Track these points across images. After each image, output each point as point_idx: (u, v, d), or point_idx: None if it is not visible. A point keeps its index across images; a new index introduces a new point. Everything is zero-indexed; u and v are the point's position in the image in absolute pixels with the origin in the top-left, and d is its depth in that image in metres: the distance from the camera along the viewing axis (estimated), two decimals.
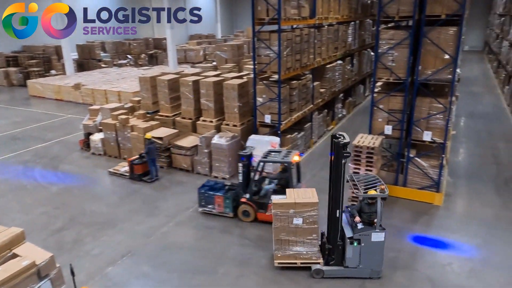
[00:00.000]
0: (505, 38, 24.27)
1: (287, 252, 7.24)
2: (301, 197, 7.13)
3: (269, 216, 8.49)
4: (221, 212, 9.14)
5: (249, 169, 8.93)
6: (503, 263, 7.48)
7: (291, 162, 8.58)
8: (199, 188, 9.37)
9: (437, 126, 9.33)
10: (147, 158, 11.07)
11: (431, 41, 8.88)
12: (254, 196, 8.91)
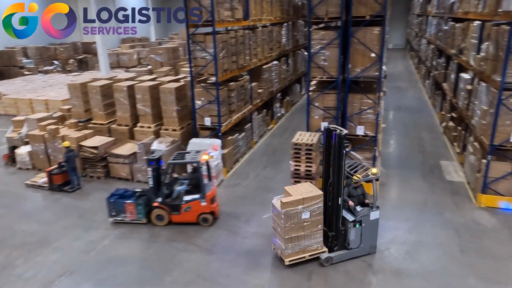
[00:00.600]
0: (423, 36, 26.40)
1: (296, 248, 7.30)
2: (305, 192, 7.24)
3: (183, 217, 8.81)
4: (134, 220, 8.96)
5: (159, 172, 8.87)
6: (432, 243, 8.13)
7: (201, 162, 8.69)
8: (107, 197, 9.06)
9: (368, 121, 9.91)
10: (67, 167, 10.57)
11: (358, 40, 9.40)
12: (167, 199, 8.88)
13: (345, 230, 7.45)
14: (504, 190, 9.28)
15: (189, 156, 8.94)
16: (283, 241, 7.24)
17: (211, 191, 9.02)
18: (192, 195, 8.81)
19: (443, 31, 17.97)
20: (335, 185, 7.26)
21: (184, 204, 8.79)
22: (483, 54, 10.38)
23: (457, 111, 13.36)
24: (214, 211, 9.03)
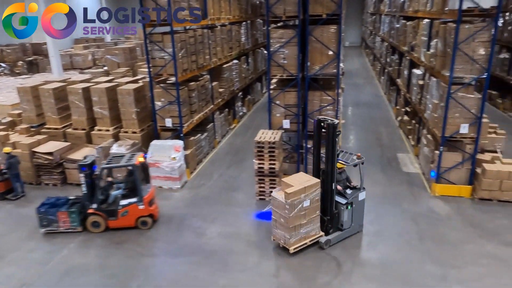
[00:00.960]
0: (377, 34, 27.37)
1: (298, 236, 7.60)
2: (303, 181, 7.55)
3: (121, 222, 8.59)
4: (68, 229, 8.64)
5: (92, 178, 8.59)
6: (392, 233, 8.47)
7: (136, 164, 8.54)
8: (37, 207, 8.64)
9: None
10: (9, 174, 10.09)
11: (316, 39, 9.59)
12: (102, 204, 8.64)
13: (338, 213, 8.01)
14: (455, 179, 9.82)
15: (124, 160, 8.69)
16: (287, 230, 7.47)
17: (149, 193, 8.83)
18: (129, 199, 8.61)
19: (395, 29, 18.72)
20: (328, 172, 7.76)
21: (121, 208, 8.56)
22: (432, 50, 10.92)
23: (411, 106, 13.98)
24: (153, 214, 8.85)
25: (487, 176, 9.32)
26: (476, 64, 9.02)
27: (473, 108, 9.29)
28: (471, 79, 9.17)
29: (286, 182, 7.61)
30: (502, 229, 8.45)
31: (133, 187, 8.72)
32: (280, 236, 7.74)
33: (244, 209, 9.65)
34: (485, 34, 8.85)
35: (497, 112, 17.34)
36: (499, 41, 17.41)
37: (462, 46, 8.90)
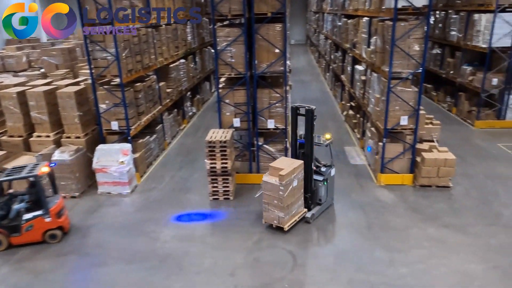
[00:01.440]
0: (321, 32, 28.21)
1: (289, 214, 8.27)
2: (289, 164, 8.31)
3: (26, 238, 8.07)
4: None
5: None
6: (343, 223, 8.80)
7: (38, 175, 8.03)
8: None
9: (277, 114, 10.30)
10: None
11: (262, 37, 9.69)
12: (3, 220, 7.99)
13: (316, 189, 8.95)
14: (398, 168, 10.41)
15: (25, 170, 8.10)
16: (282, 210, 8.14)
17: (57, 204, 8.32)
18: (33, 212, 8.07)
19: (337, 27, 19.42)
20: (308, 153, 8.65)
21: (25, 223, 7.99)
22: (372, 47, 11.46)
23: (355, 100, 14.59)
24: (62, 226, 8.34)
25: (426, 164, 9.98)
26: (412, 60, 9.61)
27: (411, 101, 9.88)
28: (408, 73, 9.75)
29: (274, 166, 8.24)
30: (441, 212, 9.08)
31: (37, 199, 8.13)
32: (273, 217, 8.35)
33: (198, 210, 9.55)
34: (418, 31, 9.45)
35: (432, 104, 18.59)
36: (432, 38, 18.65)
37: (399, 43, 9.44)
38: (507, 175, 10.84)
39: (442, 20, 17.68)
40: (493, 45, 13.84)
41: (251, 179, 10.70)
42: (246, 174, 10.77)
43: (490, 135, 14.09)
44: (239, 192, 10.28)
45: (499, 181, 10.50)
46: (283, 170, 8.02)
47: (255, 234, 8.42)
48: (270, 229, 8.55)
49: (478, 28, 14.54)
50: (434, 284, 6.81)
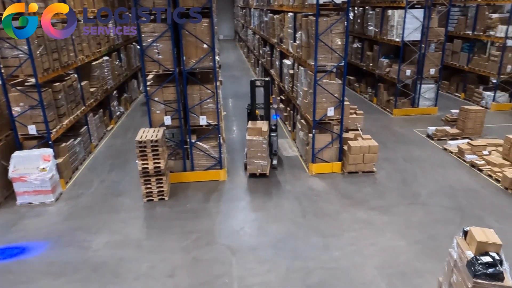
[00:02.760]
0: (248, 27, 28.47)
1: (267, 162, 10.73)
2: (261, 125, 10.54)
3: None
4: None
5: None
6: (279, 214, 9.02)
7: None
8: None
9: (209, 110, 10.22)
10: None
11: (189, 32, 9.51)
12: None
13: (272, 143, 11.20)
14: (327, 157, 10.92)
15: None
16: (263, 159, 10.52)
17: None
18: None
19: (264, 22, 19.74)
20: (267, 115, 11.16)
21: None
22: (298, 42, 11.84)
23: (285, 94, 14.98)
24: None
25: (352, 152, 10.59)
26: (335, 53, 10.09)
27: (336, 92, 10.40)
28: (332, 66, 10.23)
29: (252, 127, 10.48)
30: (368, 196, 9.72)
31: None
32: (257, 167, 10.58)
33: (132, 214, 9.18)
34: (339, 26, 9.95)
35: (356, 95, 19.76)
36: (352, 32, 19.76)
37: (322, 37, 9.85)
38: (422, 157, 11.91)
39: (361, 16, 18.81)
40: (405, 39, 15.05)
41: (186, 178, 10.53)
42: (180, 173, 10.57)
43: (407, 121, 15.36)
44: (174, 191, 10.06)
45: (416, 163, 11.50)
46: (260, 128, 10.29)
47: (193, 233, 8.31)
48: (207, 229, 8.51)
49: (392, 23, 15.70)
50: (365, 263, 7.27)
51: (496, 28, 16.36)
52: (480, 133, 13.36)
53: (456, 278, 5.39)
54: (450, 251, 5.57)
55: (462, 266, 5.19)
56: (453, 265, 5.49)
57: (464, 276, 5.12)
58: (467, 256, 5.15)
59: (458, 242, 5.42)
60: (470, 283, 4.94)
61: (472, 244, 5.21)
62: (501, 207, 9.11)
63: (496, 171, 10.40)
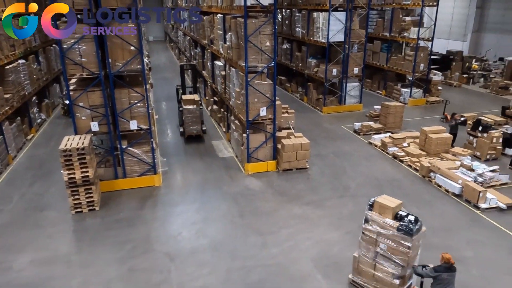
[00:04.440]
0: (179, 29, 27.98)
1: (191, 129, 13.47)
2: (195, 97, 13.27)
3: None
4: None
5: None
6: (217, 216, 9.01)
7: None
8: None
9: (140, 114, 9.87)
10: None
11: (114, 34, 9.09)
12: None
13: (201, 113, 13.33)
14: (262, 156, 11.12)
15: None
16: (197, 123, 13.31)
17: None
18: None
19: (194, 23, 19.52)
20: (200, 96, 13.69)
21: None
22: (228, 43, 11.89)
23: (218, 95, 14.97)
24: None
25: (286, 150, 10.91)
26: (265, 54, 10.31)
27: (268, 92, 10.62)
28: (262, 67, 10.43)
29: (186, 98, 13.14)
30: (302, 192, 10.07)
31: None
32: (193, 130, 13.29)
33: (59, 227, 8.57)
34: (268, 27, 10.18)
35: (287, 94, 20.35)
36: (281, 34, 20.32)
37: (252, 39, 10.01)
38: (351, 152, 12.62)
39: (288, 18, 19.41)
40: (330, 40, 15.82)
41: (118, 185, 10.09)
42: (112, 181, 10.09)
43: (335, 118, 16.17)
44: (106, 201, 9.59)
45: (345, 158, 12.16)
46: (194, 98, 13.34)
47: (128, 242, 7.99)
48: (143, 237, 8.24)
49: (317, 25, 16.42)
50: (302, 257, 7.52)
51: (410, 30, 17.86)
52: (400, 127, 14.49)
53: (384, 246, 6.03)
54: (366, 226, 6.16)
55: (391, 233, 5.86)
56: (375, 236, 6.08)
57: (399, 239, 5.82)
58: (390, 224, 5.89)
59: (372, 216, 6.04)
60: (409, 243, 5.80)
61: (387, 212, 5.96)
62: (420, 194, 9.96)
63: (415, 161, 11.36)
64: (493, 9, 26.29)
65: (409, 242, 5.79)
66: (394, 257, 6.02)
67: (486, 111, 16.36)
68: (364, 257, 6.40)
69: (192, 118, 13.27)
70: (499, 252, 7.64)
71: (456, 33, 28.89)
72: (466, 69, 23.12)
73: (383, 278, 6.24)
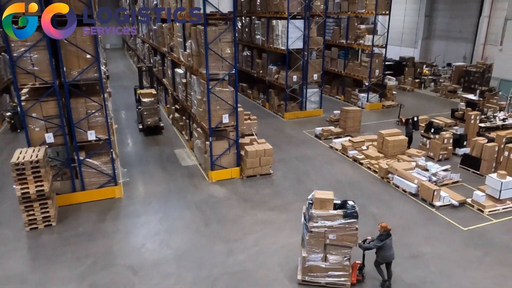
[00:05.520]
0: (137, 36, 27.45)
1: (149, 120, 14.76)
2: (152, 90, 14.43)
3: None
4: None
5: None
6: (182, 225, 8.87)
7: None
8: None
9: (98, 124, 9.56)
10: None
11: (68, 41, 8.80)
12: None
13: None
14: (226, 163, 11.10)
15: None
16: (156, 114, 14.48)
17: None
18: None
19: (153, 30, 19.25)
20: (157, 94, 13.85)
21: None
22: (188, 51, 11.82)
23: (179, 103, 14.81)
24: None
25: (249, 156, 10.95)
26: (226, 62, 10.34)
27: (230, 100, 10.65)
28: (223, 74, 10.45)
29: (144, 92, 14.64)
30: (267, 197, 10.14)
31: None
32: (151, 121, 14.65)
33: (12, 245, 8.08)
34: (228, 35, 10.23)
35: (249, 101, 20.47)
36: (241, 41, 20.47)
37: (212, 46, 10.01)
38: (313, 156, 12.87)
39: (248, 25, 19.60)
40: (290, 47, 16.14)
41: (77, 199, 9.69)
42: (69, 194, 9.68)
43: (297, 124, 16.46)
44: (64, 215, 9.17)
45: (308, 162, 12.39)
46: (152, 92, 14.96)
47: (88, 257, 7.67)
48: (104, 251, 7.95)
49: (277, 33, 16.69)
50: (268, 262, 7.55)
51: (365, 37, 18.58)
52: (359, 131, 14.98)
53: (333, 236, 6.51)
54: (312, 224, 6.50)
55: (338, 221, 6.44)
56: (324, 230, 6.51)
57: (347, 224, 6.44)
58: (335, 214, 6.44)
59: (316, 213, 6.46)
60: (356, 224, 6.46)
61: (328, 205, 6.51)
62: (379, 194, 10.32)
63: (374, 163, 11.77)
64: (440, 18, 27.94)
65: (357, 224, 6.45)
66: (344, 243, 6.53)
67: (437, 113, 17.29)
68: (314, 253, 6.68)
69: (150, 110, 14.70)
70: (453, 247, 8.05)
71: (407, 40, 30.39)
72: (418, 74, 24.36)
73: (335, 266, 6.69)
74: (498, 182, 9.35)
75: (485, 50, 24.53)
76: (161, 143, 14.13)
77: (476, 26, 24.86)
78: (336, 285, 6.80)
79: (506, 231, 8.62)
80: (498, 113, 15.56)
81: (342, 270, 6.72)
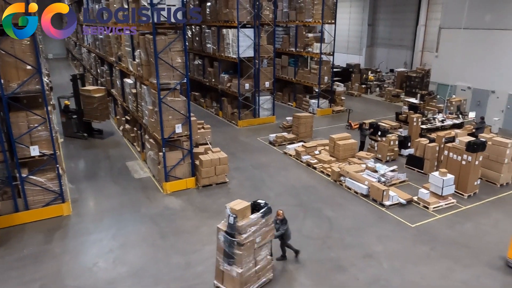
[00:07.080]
0: (82, 45, 26.39)
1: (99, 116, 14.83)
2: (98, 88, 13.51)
3: None
4: None
5: None
6: (136, 240, 8.57)
7: None
8: None
9: (42, 138, 9.03)
10: None
11: (6, 52, 8.27)
12: None
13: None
14: (181, 174, 10.91)
15: None
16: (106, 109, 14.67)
17: None
18: None
19: (99, 40, 18.60)
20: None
21: None
22: (137, 60, 11.55)
23: (130, 114, 14.38)
24: None
25: (204, 166, 10.85)
26: (177, 71, 10.21)
27: (182, 109, 10.50)
28: (175, 84, 10.31)
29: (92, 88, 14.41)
30: (224, 207, 9.97)
31: None
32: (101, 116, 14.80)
33: None
34: (178, 44, 10.12)
35: (202, 110, 20.33)
36: (192, 50, 20.34)
37: (162, 55, 9.85)
38: (268, 163, 13.00)
39: (198, 34, 19.52)
40: (241, 55, 16.27)
41: (20, 219, 9.06)
42: (11, 215, 9.02)
43: (251, 131, 16.57)
44: (5, 237, 8.54)
45: (263, 169, 12.49)
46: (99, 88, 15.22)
47: (35, 281, 7.19)
48: (52, 274, 7.47)
49: (227, 41, 16.77)
50: None
51: (313, 45, 19.18)
52: (311, 136, 15.37)
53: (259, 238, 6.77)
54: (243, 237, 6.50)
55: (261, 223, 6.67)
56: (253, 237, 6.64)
57: (266, 222, 6.81)
58: (256, 217, 6.64)
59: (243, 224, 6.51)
60: (271, 219, 6.91)
61: (247, 212, 6.67)
62: (333, 197, 10.63)
63: (326, 167, 12.11)
64: (382, 27, 29.54)
65: (271, 218, 6.96)
66: (266, 239, 6.91)
67: (383, 117, 18.18)
68: (247, 264, 6.70)
69: (101, 105, 15.13)
70: (403, 243, 8.46)
71: (353, 48, 31.78)
72: (364, 80, 25.52)
73: (264, 265, 6.98)
74: (440, 179, 9.98)
75: (423, 56, 26.24)
76: (112, 156, 13.62)
77: (414, 34, 26.56)
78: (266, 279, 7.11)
79: (449, 225, 9.21)
80: (437, 115, 16.67)
81: (267, 264, 7.04)
